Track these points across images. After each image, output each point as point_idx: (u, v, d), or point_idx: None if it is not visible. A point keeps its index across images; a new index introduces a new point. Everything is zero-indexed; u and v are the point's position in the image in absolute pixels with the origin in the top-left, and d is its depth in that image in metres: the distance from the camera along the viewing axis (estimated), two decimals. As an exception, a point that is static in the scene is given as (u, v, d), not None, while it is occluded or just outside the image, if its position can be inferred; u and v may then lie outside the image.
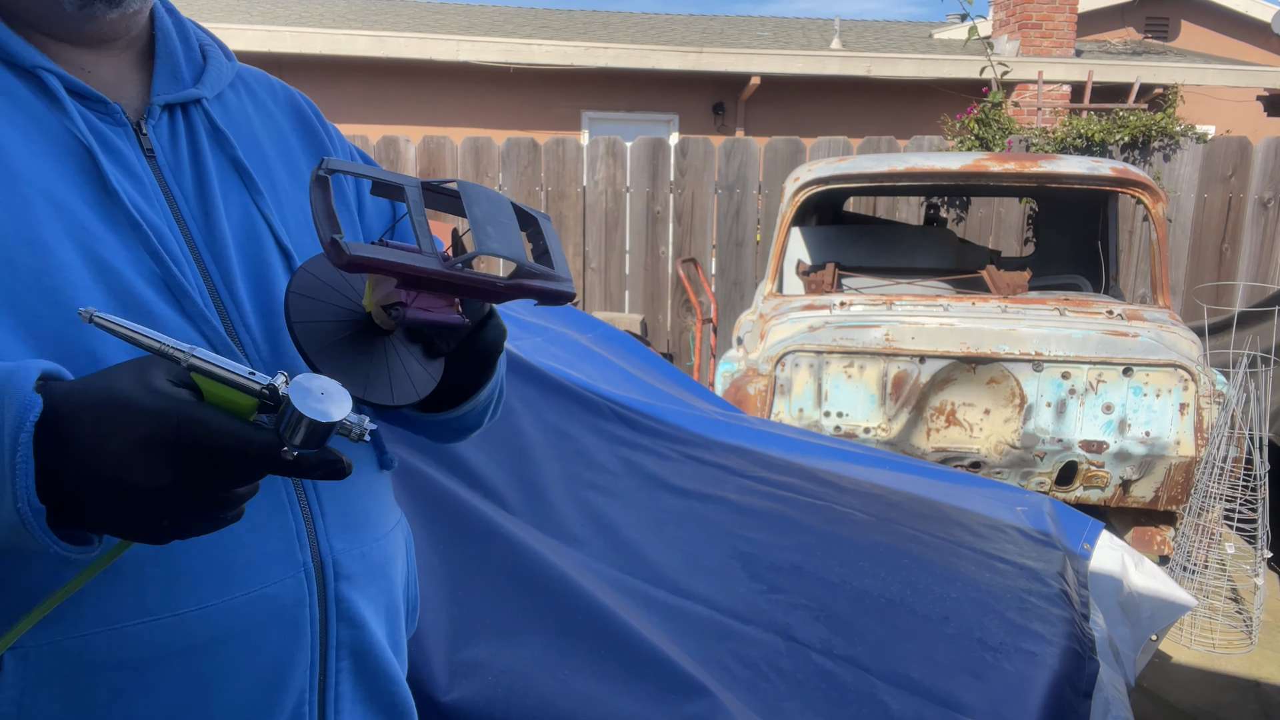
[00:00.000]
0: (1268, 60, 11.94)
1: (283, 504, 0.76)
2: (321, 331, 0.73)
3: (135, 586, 0.69)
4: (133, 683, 0.70)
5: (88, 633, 0.68)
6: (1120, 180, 3.56)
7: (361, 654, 0.81)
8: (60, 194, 0.70)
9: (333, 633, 0.79)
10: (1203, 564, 3.18)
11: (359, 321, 0.76)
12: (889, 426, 3.16)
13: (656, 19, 12.59)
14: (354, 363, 0.75)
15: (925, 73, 9.74)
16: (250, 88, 0.90)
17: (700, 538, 1.64)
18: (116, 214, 0.72)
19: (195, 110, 0.82)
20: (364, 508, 0.83)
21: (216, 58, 0.87)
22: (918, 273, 4.16)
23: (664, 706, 1.17)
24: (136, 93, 0.80)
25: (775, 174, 6.20)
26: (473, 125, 9.29)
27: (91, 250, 0.70)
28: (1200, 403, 3.06)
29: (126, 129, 0.76)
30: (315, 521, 0.78)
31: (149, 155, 0.77)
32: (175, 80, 0.82)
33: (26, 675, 0.67)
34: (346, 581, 0.79)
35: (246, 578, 0.73)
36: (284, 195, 0.85)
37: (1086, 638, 1.53)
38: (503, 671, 1.18)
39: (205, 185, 0.79)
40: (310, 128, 0.93)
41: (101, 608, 0.68)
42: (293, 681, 0.76)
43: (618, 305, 6.28)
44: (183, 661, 0.71)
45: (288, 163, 0.88)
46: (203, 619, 0.71)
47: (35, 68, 0.73)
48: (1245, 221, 6.30)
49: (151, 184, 0.76)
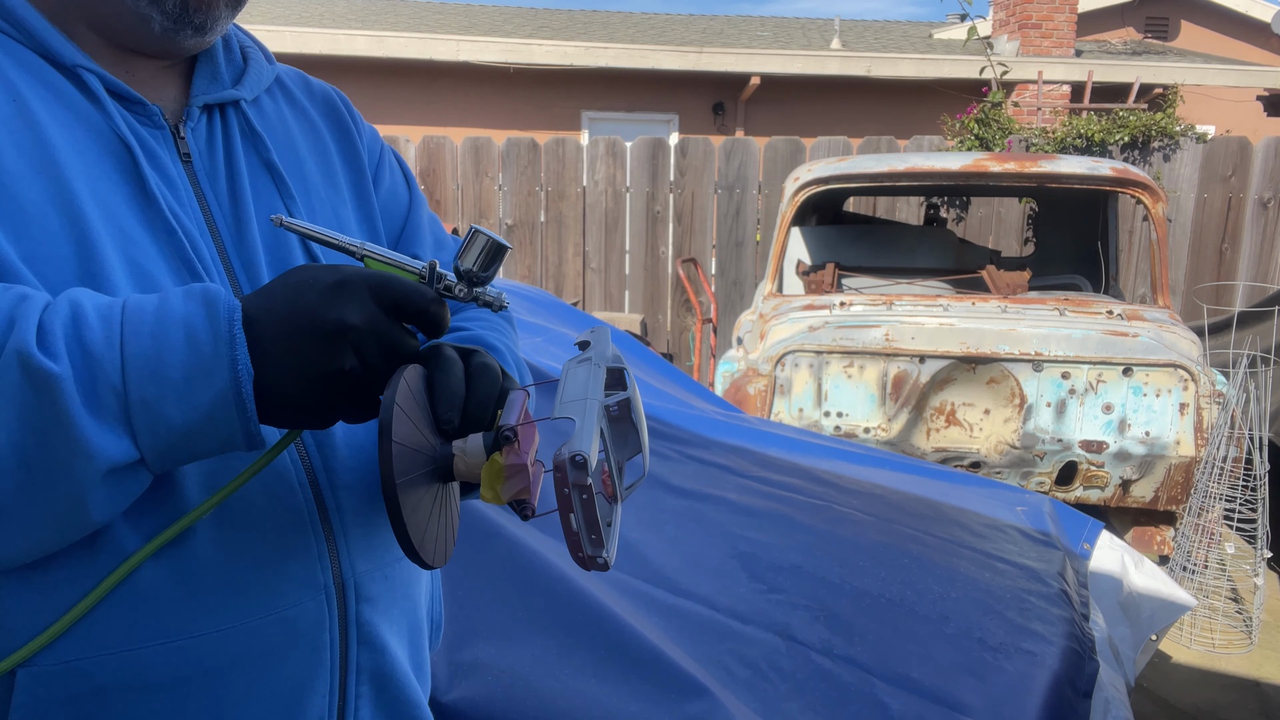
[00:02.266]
0: (1268, 60, 11.94)
1: (304, 524, 0.73)
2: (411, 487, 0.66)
3: (152, 608, 0.67)
4: (148, 706, 0.67)
5: (103, 654, 0.66)
6: (1120, 180, 3.56)
7: (382, 679, 0.79)
8: (103, 193, 0.70)
9: (353, 656, 0.77)
10: (1203, 564, 3.19)
11: (437, 470, 0.69)
12: (889, 426, 3.16)
13: (656, 19, 12.59)
14: (425, 514, 0.68)
15: (925, 73, 9.74)
16: (288, 90, 0.90)
17: (700, 538, 1.64)
18: (153, 217, 0.71)
19: (232, 111, 0.81)
20: (387, 527, 0.80)
21: (257, 60, 0.87)
22: (918, 273, 4.16)
23: (664, 706, 1.17)
24: (175, 95, 0.79)
25: (775, 174, 6.20)
26: (473, 125, 9.29)
27: (128, 253, 0.69)
28: (1200, 403, 3.06)
29: (164, 132, 0.76)
30: (337, 542, 0.75)
31: (185, 160, 0.76)
32: (215, 82, 0.81)
33: (38, 697, 0.65)
34: (368, 604, 0.77)
35: (265, 599, 0.71)
36: (317, 197, 0.84)
37: (1086, 638, 1.53)
38: (503, 671, 1.18)
39: (238, 188, 0.78)
40: (344, 127, 0.92)
41: (117, 629, 0.66)
42: (312, 706, 0.74)
43: (618, 305, 6.29)
44: (200, 685, 0.69)
45: (323, 163, 0.87)
46: (220, 641, 0.69)
47: (76, 66, 0.72)
48: (1245, 221, 6.30)
49: (186, 189, 0.75)
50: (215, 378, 0.59)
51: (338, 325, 0.61)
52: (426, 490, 0.67)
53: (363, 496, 0.78)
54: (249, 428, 0.61)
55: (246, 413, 0.60)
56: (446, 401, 0.67)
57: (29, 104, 0.69)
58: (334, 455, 0.76)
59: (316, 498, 0.74)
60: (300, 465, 0.74)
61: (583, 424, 0.63)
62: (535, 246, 6.22)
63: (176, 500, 0.67)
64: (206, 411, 0.60)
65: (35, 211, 0.65)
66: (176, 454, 0.61)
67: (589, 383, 0.68)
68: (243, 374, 0.60)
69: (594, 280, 6.25)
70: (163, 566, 0.67)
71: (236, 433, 0.61)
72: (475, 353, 0.72)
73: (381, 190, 0.94)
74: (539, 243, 6.22)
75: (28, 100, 0.69)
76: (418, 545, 0.65)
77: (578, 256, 6.23)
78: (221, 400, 0.60)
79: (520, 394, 0.70)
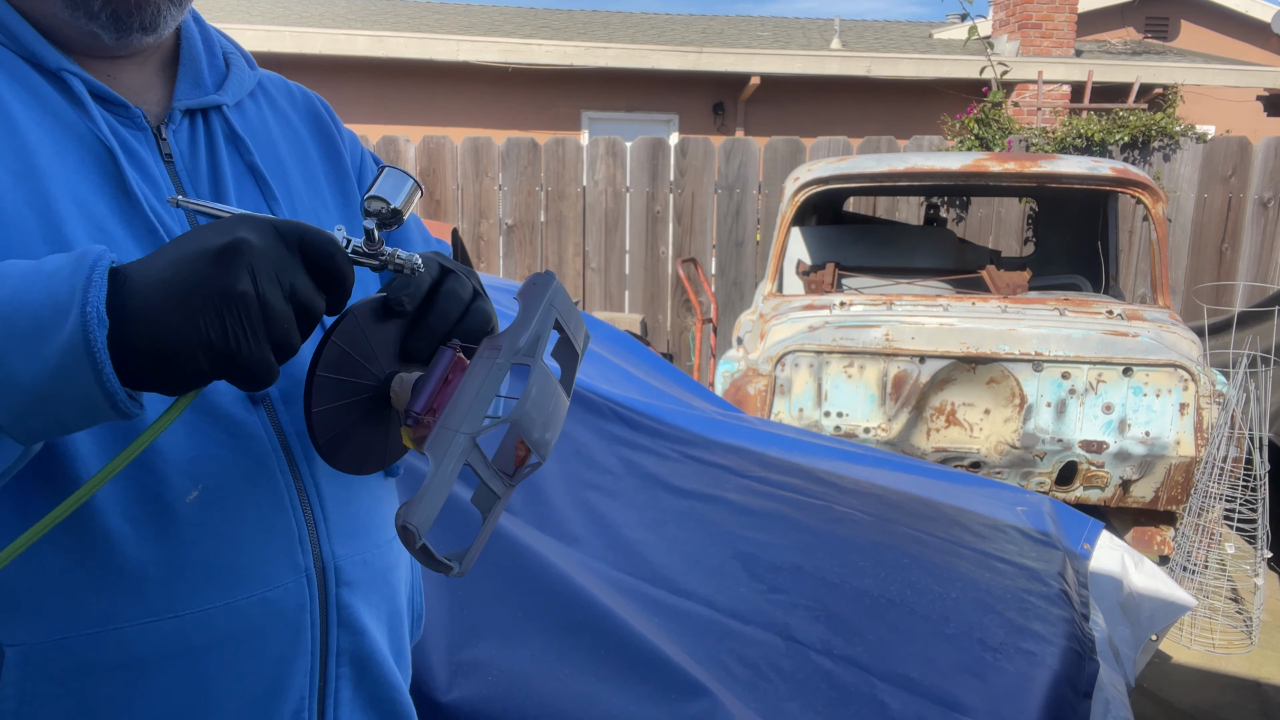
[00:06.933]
0: (1268, 60, 11.94)
1: (285, 508, 0.75)
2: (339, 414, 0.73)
3: (137, 587, 0.69)
4: (133, 684, 0.70)
5: (88, 633, 0.68)
6: (1120, 180, 3.56)
7: (362, 661, 0.81)
8: (84, 195, 0.71)
9: (333, 639, 0.79)
10: (1203, 564, 3.19)
11: (377, 397, 0.75)
12: (889, 426, 3.16)
13: (656, 19, 12.59)
14: (360, 438, 0.75)
15: (925, 73, 9.73)
16: (270, 95, 0.91)
17: (700, 538, 1.64)
18: (135, 218, 0.72)
19: (215, 116, 0.82)
20: (367, 514, 0.83)
21: (239, 65, 0.88)
22: (918, 273, 4.16)
23: (664, 706, 1.17)
24: (159, 98, 0.81)
25: (775, 174, 6.20)
26: (473, 125, 9.29)
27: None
28: (1200, 403, 3.06)
29: (146, 133, 0.77)
30: (318, 526, 0.77)
31: (167, 160, 0.78)
32: (197, 87, 0.82)
33: (27, 674, 0.67)
34: (348, 588, 0.79)
35: (248, 580, 0.73)
36: (299, 201, 0.85)
37: (1086, 638, 1.53)
38: (503, 671, 1.18)
39: (221, 190, 0.79)
40: (327, 132, 0.94)
41: (103, 608, 0.68)
42: (292, 686, 0.76)
43: (618, 305, 6.29)
44: (183, 663, 0.71)
45: (305, 168, 0.89)
46: (204, 621, 0.71)
47: (60, 70, 0.73)
48: (1245, 221, 6.30)
49: (168, 188, 0.76)
50: (63, 324, 0.54)
51: (232, 244, 0.57)
52: (355, 401, 0.72)
53: (342, 483, 0.80)
54: (106, 385, 0.55)
55: (98, 364, 0.55)
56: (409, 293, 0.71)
57: (9, 108, 0.70)
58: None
59: (296, 483, 0.76)
60: (280, 450, 0.76)
61: (432, 478, 0.62)
62: (535, 246, 6.22)
63: (67, 478, 0.66)
64: (55, 363, 0.54)
65: (13, 214, 0.66)
66: (35, 418, 0.57)
67: (477, 397, 0.66)
68: (92, 318, 0.54)
69: (594, 280, 6.25)
70: (146, 546, 0.69)
71: (93, 390, 0.55)
72: (451, 274, 0.75)
73: (367, 173, 0.95)
74: (539, 243, 6.22)
75: (8, 104, 0.70)
76: (323, 440, 0.70)
77: (578, 256, 6.23)
78: (70, 350, 0.54)
79: (448, 353, 0.72)
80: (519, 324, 0.70)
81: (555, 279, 0.74)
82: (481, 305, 0.77)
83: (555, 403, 0.72)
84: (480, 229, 6.19)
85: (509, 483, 0.71)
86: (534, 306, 0.71)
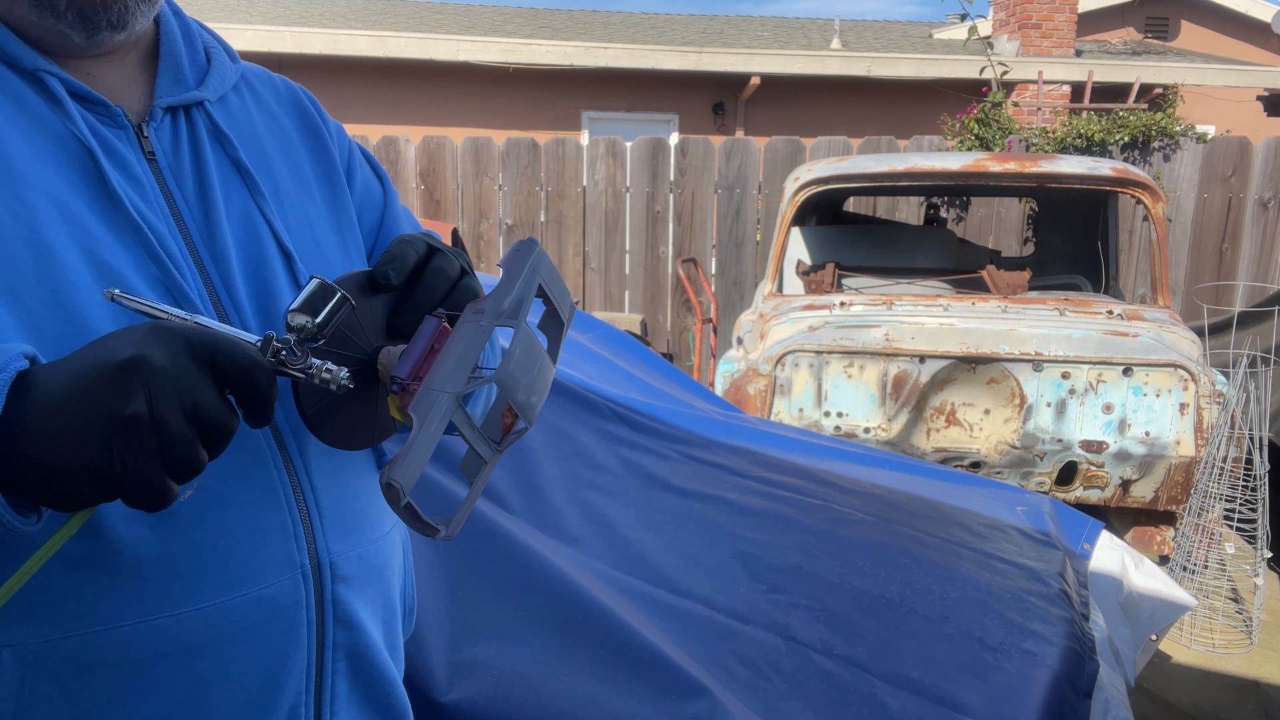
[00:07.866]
0: (1268, 60, 11.94)
1: (280, 505, 0.76)
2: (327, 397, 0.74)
3: (133, 587, 0.69)
4: (130, 683, 0.70)
5: (85, 633, 0.68)
6: (1120, 180, 3.56)
7: (358, 656, 0.82)
8: (63, 196, 0.70)
9: (329, 634, 0.79)
10: (1203, 564, 3.19)
11: (365, 371, 0.76)
12: (889, 426, 3.16)
13: (656, 19, 12.59)
14: (348, 412, 0.76)
15: (925, 73, 9.74)
16: (254, 88, 0.90)
17: (700, 538, 1.64)
18: (117, 217, 0.72)
19: (197, 112, 0.81)
20: (361, 510, 0.83)
21: (220, 59, 0.87)
22: (918, 273, 4.16)
23: (664, 706, 1.17)
24: (139, 95, 0.80)
25: (775, 174, 6.20)
26: (473, 125, 9.29)
27: (93, 253, 0.70)
28: (1200, 403, 3.06)
29: (128, 131, 0.76)
30: (313, 523, 0.78)
31: (150, 158, 0.77)
32: (178, 83, 0.81)
33: (24, 675, 0.67)
34: (343, 584, 0.80)
35: (244, 579, 0.73)
36: (286, 196, 0.85)
37: (1086, 638, 1.53)
38: (503, 671, 1.18)
39: (206, 187, 0.78)
40: (313, 125, 0.93)
41: (99, 608, 0.68)
42: (289, 683, 0.76)
43: (618, 305, 6.28)
44: (180, 662, 0.71)
45: (290, 163, 0.88)
46: (200, 619, 0.71)
47: (38, 70, 0.73)
48: (1245, 221, 6.30)
49: (152, 186, 0.76)
50: None
51: (129, 361, 0.55)
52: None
53: (336, 479, 0.80)
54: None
55: None
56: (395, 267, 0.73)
57: None
58: (308, 440, 0.78)
59: (291, 480, 0.76)
60: (275, 447, 0.76)
61: (416, 436, 0.62)
62: (535, 246, 6.22)
63: None
64: None
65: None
66: None
67: (461, 357, 0.67)
68: None
69: (594, 280, 6.25)
70: (142, 545, 0.69)
71: None
72: (439, 252, 0.76)
73: (356, 186, 0.94)
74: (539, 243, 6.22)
75: None
76: (310, 411, 0.72)
77: (578, 256, 6.23)
78: None
79: (433, 321, 0.73)
80: (502, 288, 0.70)
81: (538, 245, 0.74)
82: (469, 283, 0.78)
83: (540, 366, 0.72)
84: (480, 229, 6.19)
85: (496, 448, 0.71)
86: (516, 271, 0.72)
